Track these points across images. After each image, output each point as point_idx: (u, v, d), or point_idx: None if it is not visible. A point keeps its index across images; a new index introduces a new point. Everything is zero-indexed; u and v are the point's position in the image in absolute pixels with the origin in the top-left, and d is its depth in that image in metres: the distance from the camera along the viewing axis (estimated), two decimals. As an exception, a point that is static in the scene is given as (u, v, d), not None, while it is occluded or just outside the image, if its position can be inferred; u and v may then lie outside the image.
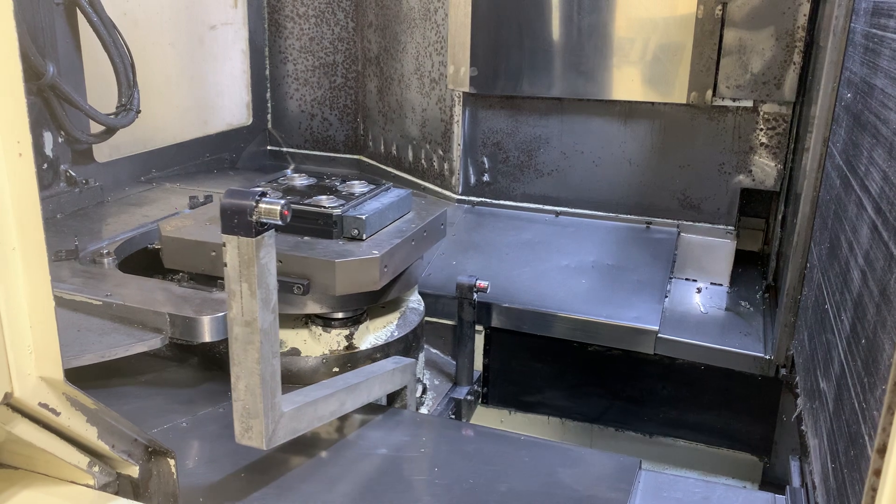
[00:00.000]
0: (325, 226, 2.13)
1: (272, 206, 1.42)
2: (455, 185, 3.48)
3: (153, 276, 2.28)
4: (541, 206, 3.37)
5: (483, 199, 3.47)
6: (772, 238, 3.17)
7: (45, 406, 1.19)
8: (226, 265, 1.46)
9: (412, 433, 2.00)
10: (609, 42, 3.08)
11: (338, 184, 2.41)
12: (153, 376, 2.21)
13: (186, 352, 2.32)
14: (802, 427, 1.98)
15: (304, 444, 1.90)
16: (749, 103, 2.96)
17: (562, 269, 2.97)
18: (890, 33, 1.55)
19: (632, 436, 2.82)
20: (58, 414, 1.22)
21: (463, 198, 3.48)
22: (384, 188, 2.39)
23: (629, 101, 3.12)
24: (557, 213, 3.34)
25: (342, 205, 2.18)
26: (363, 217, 2.13)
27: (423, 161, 3.65)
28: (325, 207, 2.15)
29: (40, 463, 1.35)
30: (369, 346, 2.25)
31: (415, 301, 2.54)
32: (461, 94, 3.33)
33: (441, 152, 3.51)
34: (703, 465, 2.79)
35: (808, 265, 2.27)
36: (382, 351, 2.28)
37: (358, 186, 2.37)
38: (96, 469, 1.36)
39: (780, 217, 3.04)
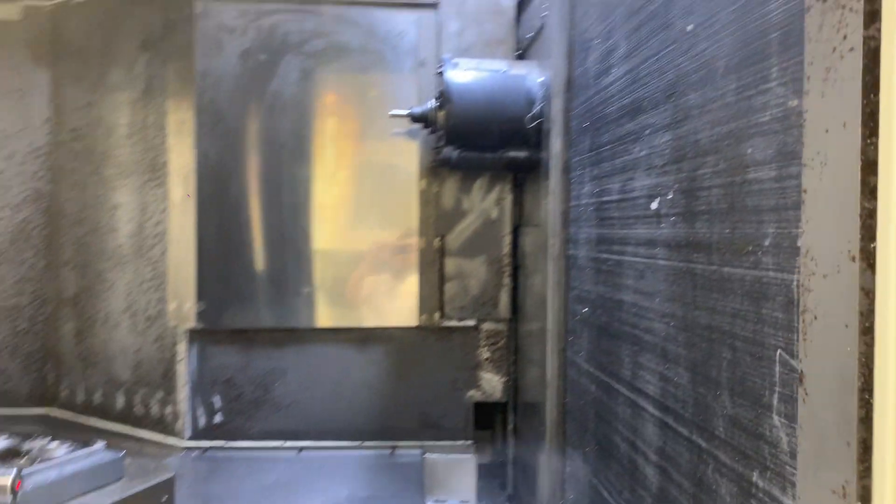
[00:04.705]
0: None
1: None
2: (181, 429, 3.12)
3: None
4: (282, 444, 3.15)
5: (215, 443, 3.15)
6: (504, 448, 3.33)
7: None
8: None
9: None
10: (339, 271, 3.16)
11: (25, 443, 1.99)
12: None
13: None
14: None
15: None
16: (472, 322, 3.21)
17: (315, 509, 2.75)
18: (629, 257, 1.84)
19: None
20: None
21: (191, 444, 3.12)
22: (91, 450, 2.02)
23: (363, 328, 3.19)
24: (300, 449, 3.15)
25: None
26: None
27: (138, 406, 3.25)
28: None
29: None
30: None
31: None
32: (187, 330, 3.11)
33: (163, 394, 3.16)
34: None
35: (568, 470, 2.40)
36: None
37: (54, 447, 1.97)
38: None
39: (510, 427, 3.23)
